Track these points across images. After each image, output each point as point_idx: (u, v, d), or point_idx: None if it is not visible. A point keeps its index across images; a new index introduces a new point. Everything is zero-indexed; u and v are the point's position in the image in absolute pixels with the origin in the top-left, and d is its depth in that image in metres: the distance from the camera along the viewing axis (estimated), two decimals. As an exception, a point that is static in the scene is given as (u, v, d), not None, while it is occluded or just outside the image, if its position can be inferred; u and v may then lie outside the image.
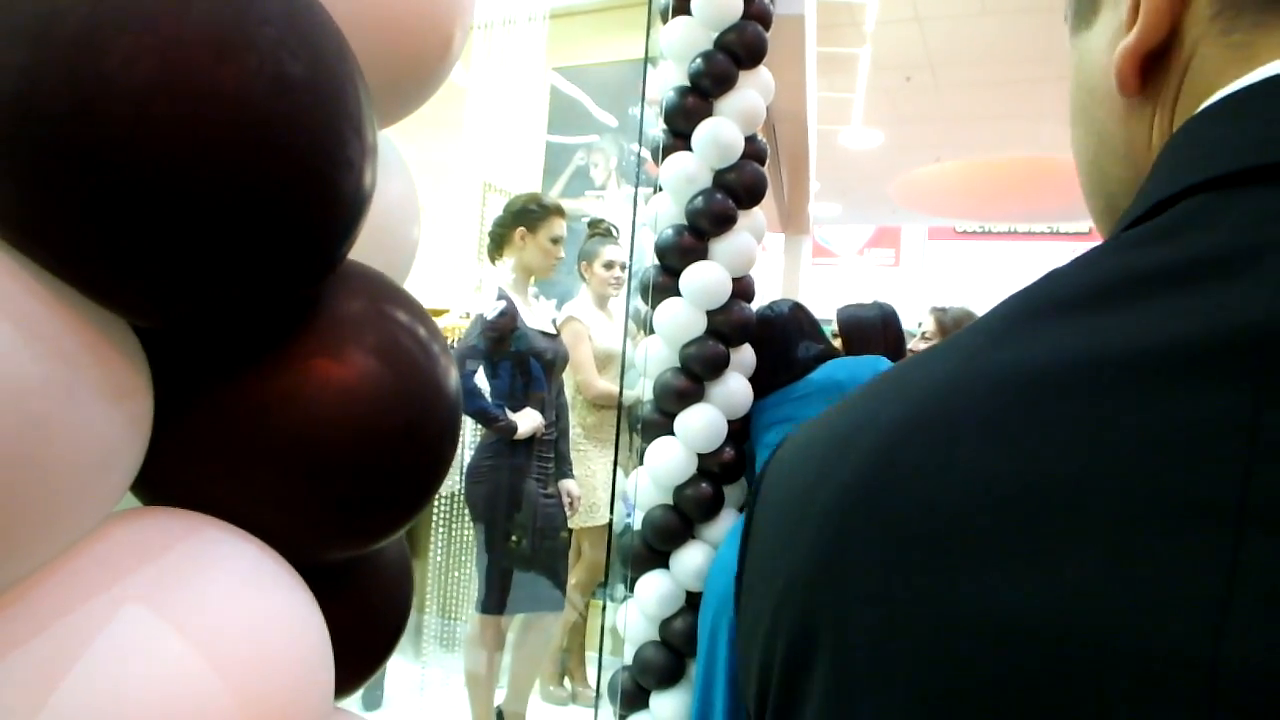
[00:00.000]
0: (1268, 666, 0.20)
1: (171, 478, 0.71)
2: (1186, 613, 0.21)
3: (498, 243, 2.79)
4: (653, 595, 2.20)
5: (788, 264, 10.00)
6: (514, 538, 2.66)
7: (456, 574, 3.37)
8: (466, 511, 2.88)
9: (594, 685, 3.13)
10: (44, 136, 0.53)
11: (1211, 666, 0.20)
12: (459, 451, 3.17)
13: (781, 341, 2.33)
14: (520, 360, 2.69)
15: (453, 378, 0.84)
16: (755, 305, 2.37)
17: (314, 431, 0.71)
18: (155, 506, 0.72)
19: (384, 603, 0.92)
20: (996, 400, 0.28)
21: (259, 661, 0.64)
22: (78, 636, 0.56)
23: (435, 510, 3.32)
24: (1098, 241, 0.36)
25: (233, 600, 0.65)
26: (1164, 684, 0.21)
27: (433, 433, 0.81)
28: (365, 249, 0.78)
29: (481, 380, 2.69)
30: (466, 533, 3.19)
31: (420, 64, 0.87)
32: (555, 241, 2.75)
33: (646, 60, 2.40)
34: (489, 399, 2.65)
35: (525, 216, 2.73)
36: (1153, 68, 0.36)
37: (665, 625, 2.22)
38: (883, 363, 1.85)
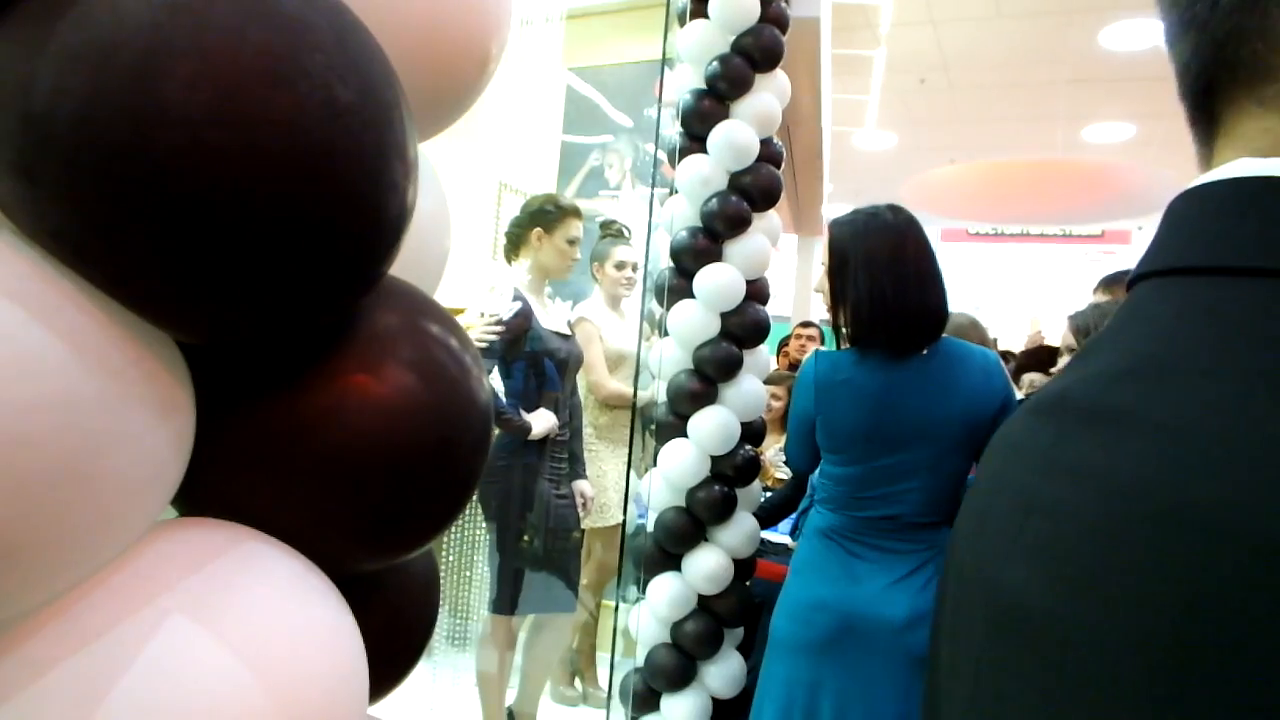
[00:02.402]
0: (1017, 587, 0.37)
1: (212, 490, 0.72)
2: (997, 560, 0.39)
3: (514, 243, 2.80)
4: (664, 597, 2.20)
5: (801, 265, 9.98)
6: (526, 537, 2.67)
7: (468, 573, 3.38)
8: (479, 510, 2.88)
9: (605, 686, 3.13)
10: (102, 161, 0.54)
11: (995, 587, 0.39)
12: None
13: None
14: (534, 360, 2.69)
15: (484, 390, 0.85)
16: (769, 308, 2.37)
17: (352, 446, 0.73)
18: (196, 518, 0.73)
19: (413, 610, 0.94)
20: (1010, 423, 0.45)
21: (299, 672, 0.65)
22: (124, 648, 0.57)
23: (447, 509, 3.32)
24: (1110, 245, 0.49)
25: (273, 611, 0.66)
26: (978, 594, 0.41)
27: (467, 446, 0.82)
28: (399, 262, 0.79)
29: (496, 380, 2.70)
30: (479, 532, 3.20)
31: (458, 80, 0.89)
32: (571, 243, 2.75)
33: (664, 62, 2.41)
34: (503, 399, 2.66)
35: (542, 217, 2.74)
36: None
37: (677, 628, 2.23)
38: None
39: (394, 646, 0.89)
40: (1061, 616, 0.33)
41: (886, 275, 1.75)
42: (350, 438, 0.72)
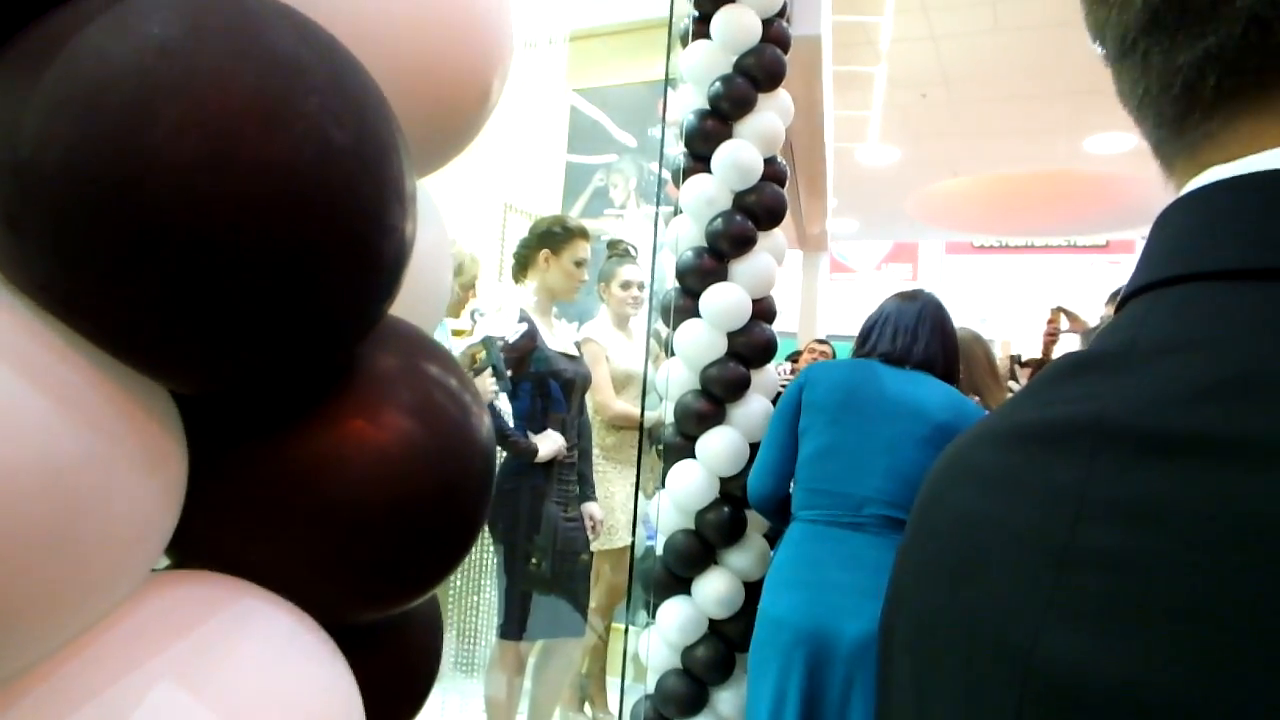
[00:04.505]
0: (1067, 663, 0.29)
1: (206, 540, 0.70)
2: (1022, 622, 0.31)
3: (522, 264, 2.80)
4: (674, 622, 2.18)
5: (805, 280, 9.98)
6: (535, 560, 2.65)
7: (475, 597, 3.36)
8: (486, 533, 2.86)
9: (615, 712, 3.10)
10: (89, 210, 0.53)
11: (1028, 657, 0.30)
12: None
13: None
14: (541, 381, 2.68)
15: (486, 430, 0.83)
16: (775, 325, 2.37)
17: (350, 495, 0.71)
18: (189, 570, 0.71)
19: (415, 657, 0.91)
20: (979, 453, 0.38)
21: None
22: (110, 716, 0.55)
23: (455, 532, 3.31)
24: (1115, 255, 0.44)
25: (265, 674, 0.64)
26: (992, 665, 0.32)
27: (469, 491, 0.80)
28: (401, 302, 0.77)
29: (503, 402, 2.69)
30: (486, 555, 3.18)
31: (458, 115, 0.87)
32: (579, 264, 2.74)
33: (667, 83, 2.41)
34: (510, 421, 2.64)
35: (549, 239, 2.73)
36: None
37: (688, 653, 2.20)
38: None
39: (396, 696, 0.87)
40: (1179, 701, 0.26)
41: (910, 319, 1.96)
42: (348, 486, 0.71)
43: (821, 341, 5.07)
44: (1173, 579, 0.27)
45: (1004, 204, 9.30)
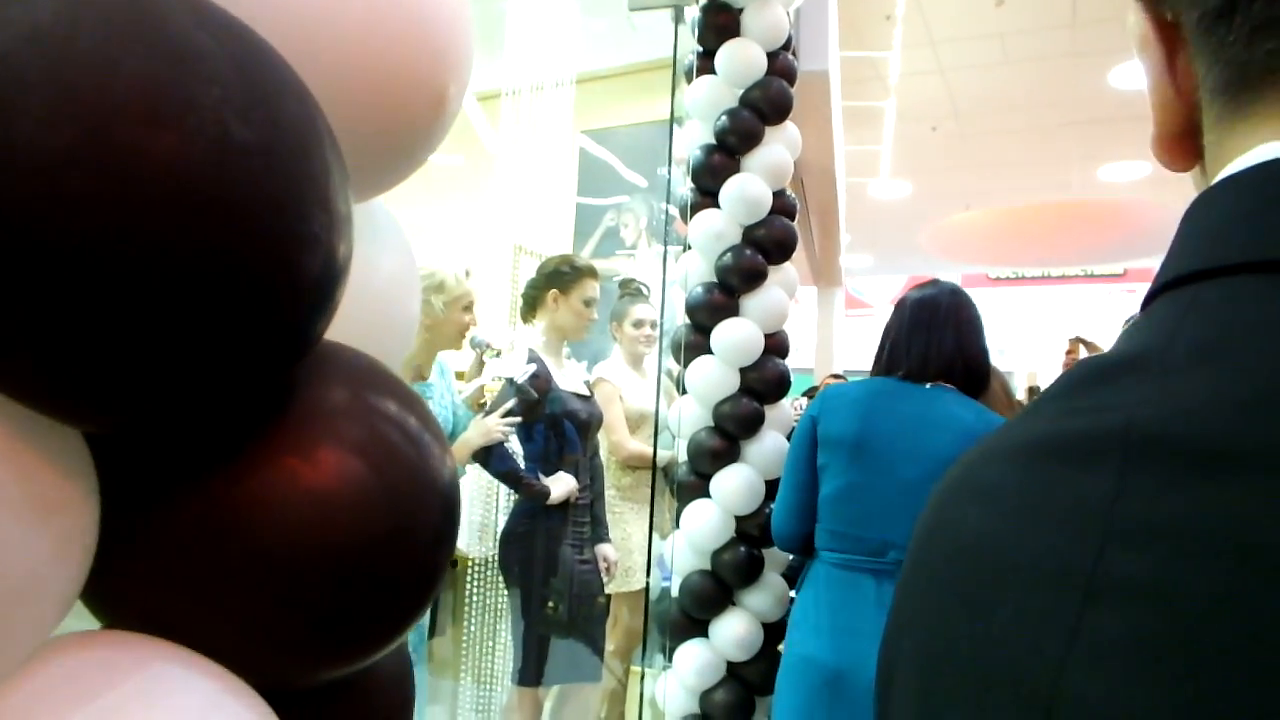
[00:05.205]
0: (1095, 709, 0.25)
1: (125, 597, 0.64)
2: (1047, 648, 0.27)
3: (530, 304, 2.78)
4: (692, 666, 2.13)
5: (821, 316, 9.95)
6: (551, 604, 2.60)
7: (491, 642, 3.31)
8: (500, 578, 2.82)
9: (635, 758, 3.03)
10: None
11: (1050, 700, 0.26)
12: (493, 516, 3.14)
13: None
14: (554, 422, 2.65)
15: (447, 472, 0.76)
16: (790, 361, 2.33)
17: (283, 544, 0.63)
18: (104, 631, 0.64)
19: (380, 716, 0.83)
20: (990, 470, 0.34)
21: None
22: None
23: (469, 576, 3.27)
24: (1132, 284, 0.39)
25: None
26: (1009, 708, 0.28)
27: (423, 538, 0.72)
28: (353, 330, 0.72)
29: (515, 443, 2.66)
30: (501, 599, 3.13)
31: (410, 125, 0.80)
32: (588, 303, 2.73)
33: (672, 120, 2.41)
34: (521, 462, 2.61)
35: (558, 278, 2.72)
36: (1194, 144, 0.37)
37: (706, 697, 2.14)
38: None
39: None
40: None
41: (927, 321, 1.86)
42: (280, 533, 0.62)
43: (837, 376, 5.03)
44: (1218, 613, 0.23)
45: (1019, 235, 9.27)
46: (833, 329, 9.88)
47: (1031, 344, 11.00)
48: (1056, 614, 0.27)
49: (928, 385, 1.81)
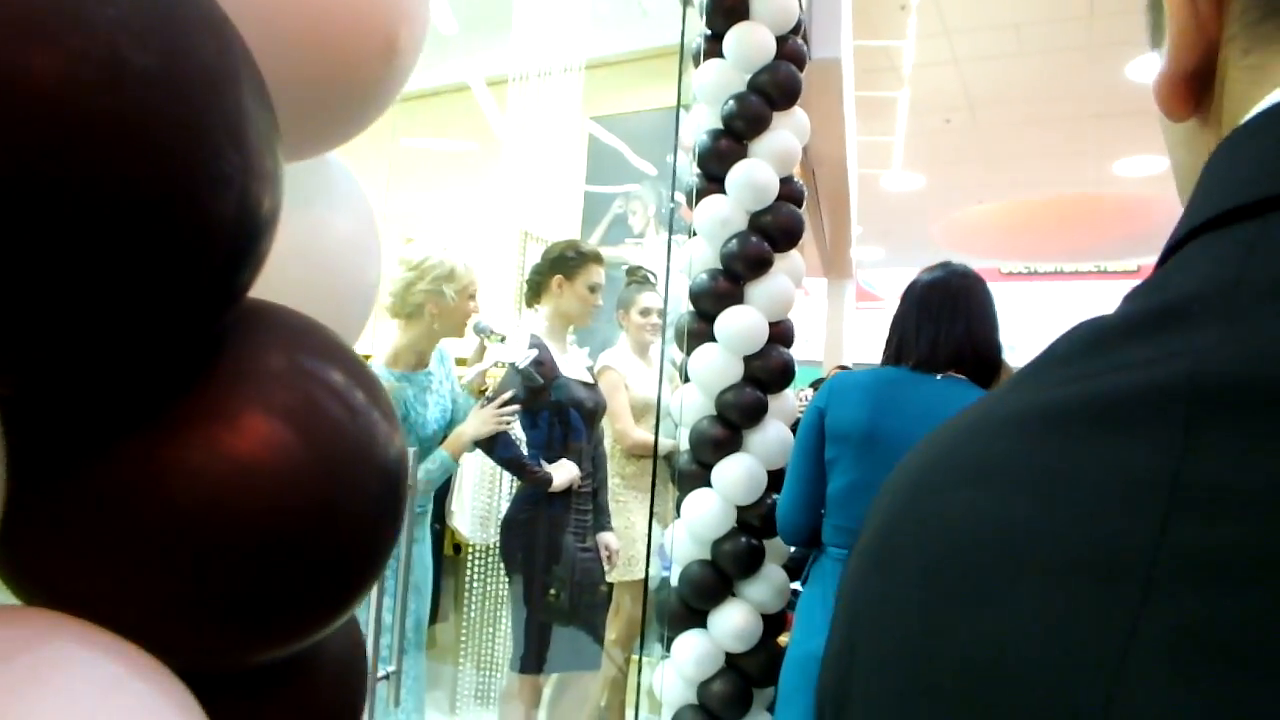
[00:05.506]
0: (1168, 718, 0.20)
1: (33, 570, 0.60)
2: (1097, 652, 0.21)
3: (535, 289, 2.76)
4: (690, 656, 2.11)
5: (831, 309, 9.91)
6: (553, 591, 2.59)
7: (491, 629, 3.30)
8: (502, 564, 2.82)
9: (633, 747, 3.02)
10: None
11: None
12: (495, 502, 3.13)
13: None
14: (559, 410, 2.63)
15: (393, 446, 0.71)
16: (798, 352, 2.30)
17: (200, 514, 0.58)
18: (6, 605, 0.60)
19: (324, 703, 0.77)
20: (981, 445, 0.29)
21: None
22: None
23: (471, 562, 3.26)
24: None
25: None
26: None
27: (360, 515, 0.67)
28: (302, 294, 0.67)
29: (518, 430, 2.64)
30: (501, 586, 3.12)
31: (359, 74, 0.74)
32: (593, 289, 2.70)
33: (679, 105, 2.37)
34: (524, 449, 2.60)
35: (563, 264, 2.70)
36: (1202, 91, 0.34)
37: (704, 688, 2.12)
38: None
39: None
40: None
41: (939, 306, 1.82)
42: (196, 503, 0.58)
43: (844, 368, 5.00)
44: None
45: (1032, 230, 9.20)
46: (842, 321, 9.83)
47: (1042, 339, 10.92)
48: (1105, 609, 0.22)
49: (939, 376, 1.77)
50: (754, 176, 2.17)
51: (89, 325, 0.50)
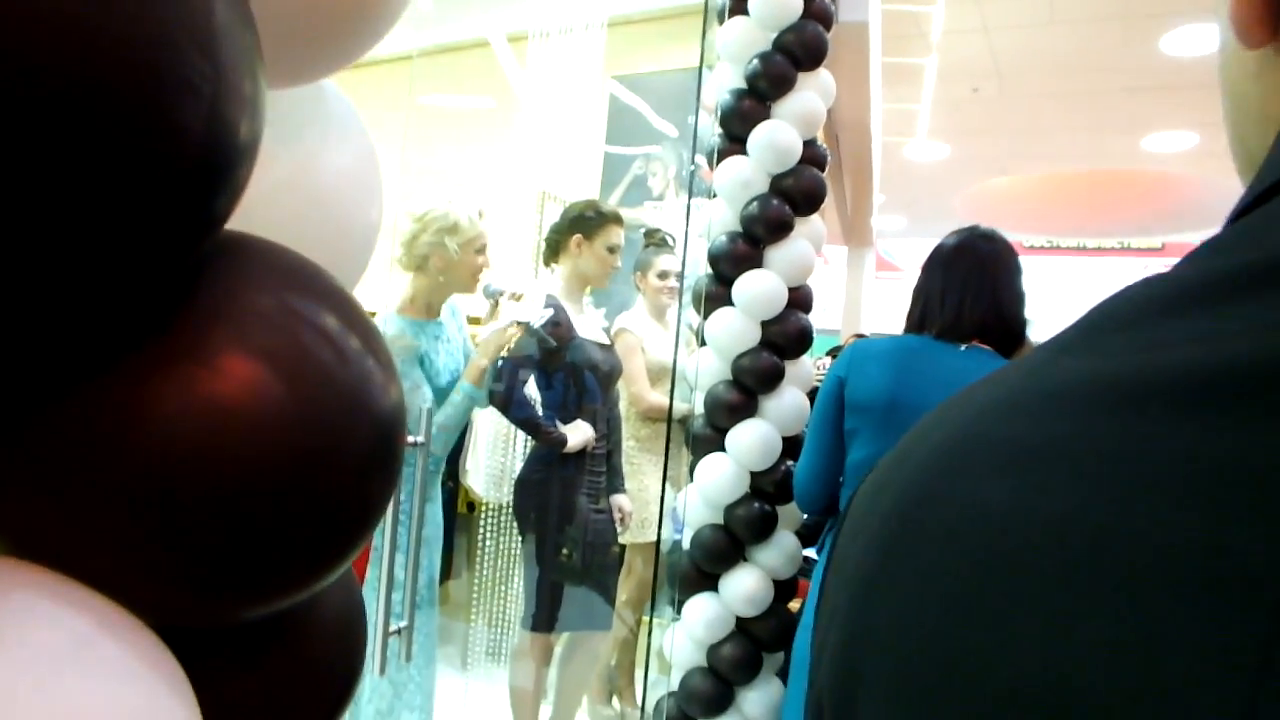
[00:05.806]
0: None
1: (3, 520, 0.56)
2: (1211, 697, 0.17)
3: (553, 249, 2.74)
4: (700, 619, 2.11)
5: (850, 277, 9.84)
6: (565, 551, 2.60)
7: (504, 587, 3.33)
8: (514, 524, 2.83)
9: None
10: None
11: None
12: (509, 462, 3.14)
13: None
14: (574, 371, 2.63)
15: (389, 397, 0.66)
16: (816, 320, 2.28)
17: (172, 462, 0.54)
18: None
19: (318, 661, 0.74)
20: (1019, 426, 0.24)
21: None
22: None
23: (484, 521, 3.28)
24: (1170, 258, 0.29)
25: (23, 687, 0.49)
26: None
27: (349, 463, 0.63)
28: (295, 230, 0.63)
29: (533, 390, 2.64)
30: (514, 545, 3.14)
31: None
32: (612, 250, 2.68)
33: (702, 64, 2.33)
34: (540, 409, 2.60)
35: (582, 223, 2.67)
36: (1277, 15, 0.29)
37: (714, 651, 2.13)
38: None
39: (291, 709, 0.70)
40: None
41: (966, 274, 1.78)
42: (170, 448, 0.54)
43: (861, 336, 4.98)
44: None
45: (1056, 203, 9.08)
46: (861, 290, 9.76)
47: (1064, 315, 10.83)
48: (1219, 638, 0.17)
49: (962, 347, 1.72)
50: (776, 138, 2.13)
51: (43, 248, 0.46)
